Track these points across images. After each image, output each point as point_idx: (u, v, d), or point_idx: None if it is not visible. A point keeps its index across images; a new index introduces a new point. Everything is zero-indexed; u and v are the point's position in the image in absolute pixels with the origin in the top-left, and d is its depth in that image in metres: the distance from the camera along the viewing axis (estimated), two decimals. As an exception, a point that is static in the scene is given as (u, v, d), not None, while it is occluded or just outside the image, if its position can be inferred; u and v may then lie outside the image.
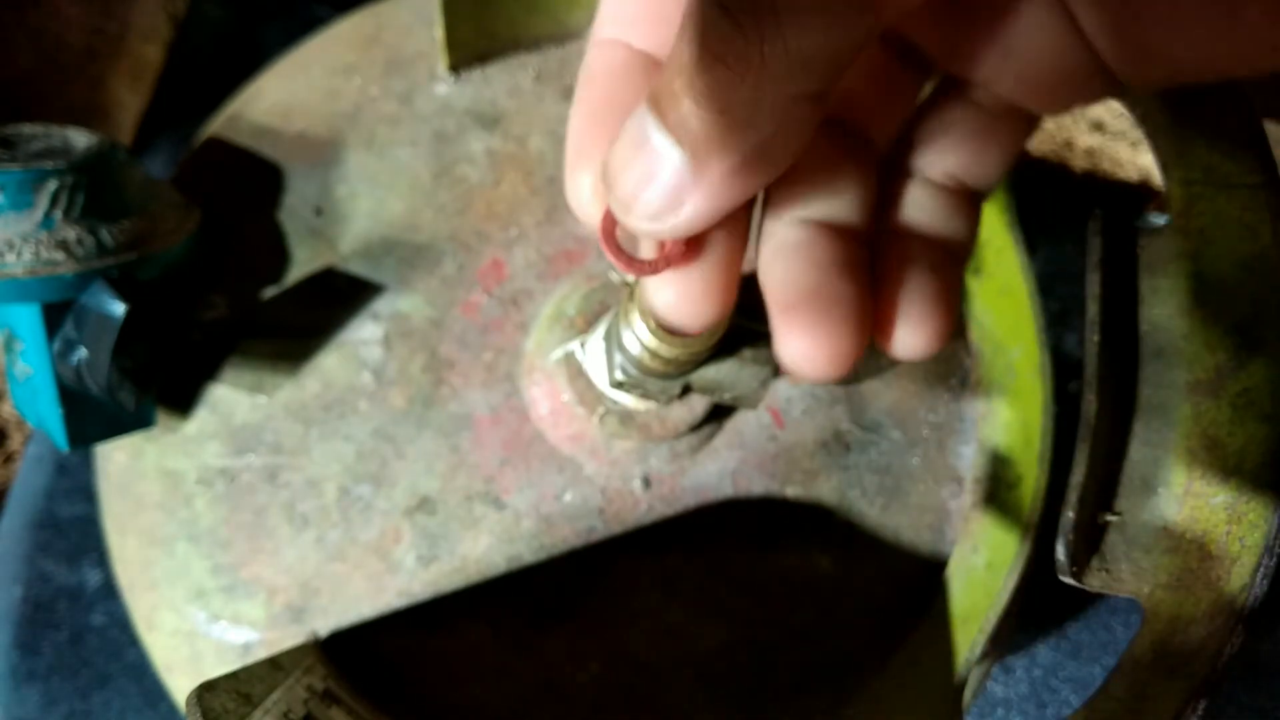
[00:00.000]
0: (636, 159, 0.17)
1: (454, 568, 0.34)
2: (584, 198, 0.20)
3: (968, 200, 0.21)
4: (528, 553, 0.34)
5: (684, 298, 0.20)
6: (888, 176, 0.21)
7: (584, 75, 0.20)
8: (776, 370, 0.31)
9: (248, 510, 0.34)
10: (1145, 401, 0.30)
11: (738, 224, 0.19)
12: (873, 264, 0.20)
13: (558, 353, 0.34)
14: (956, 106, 0.20)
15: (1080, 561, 0.28)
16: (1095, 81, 0.18)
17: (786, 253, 0.19)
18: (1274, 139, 0.30)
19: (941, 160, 0.20)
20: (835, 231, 0.19)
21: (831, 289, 0.18)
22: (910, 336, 0.19)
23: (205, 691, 0.26)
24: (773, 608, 0.35)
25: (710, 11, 0.15)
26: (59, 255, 0.30)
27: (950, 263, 0.20)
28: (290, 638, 0.33)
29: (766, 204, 0.20)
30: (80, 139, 0.32)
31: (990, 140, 0.20)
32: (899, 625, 0.36)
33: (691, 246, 0.19)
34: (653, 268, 0.19)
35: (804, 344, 0.18)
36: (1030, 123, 0.21)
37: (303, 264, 0.36)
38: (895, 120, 0.21)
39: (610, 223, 0.18)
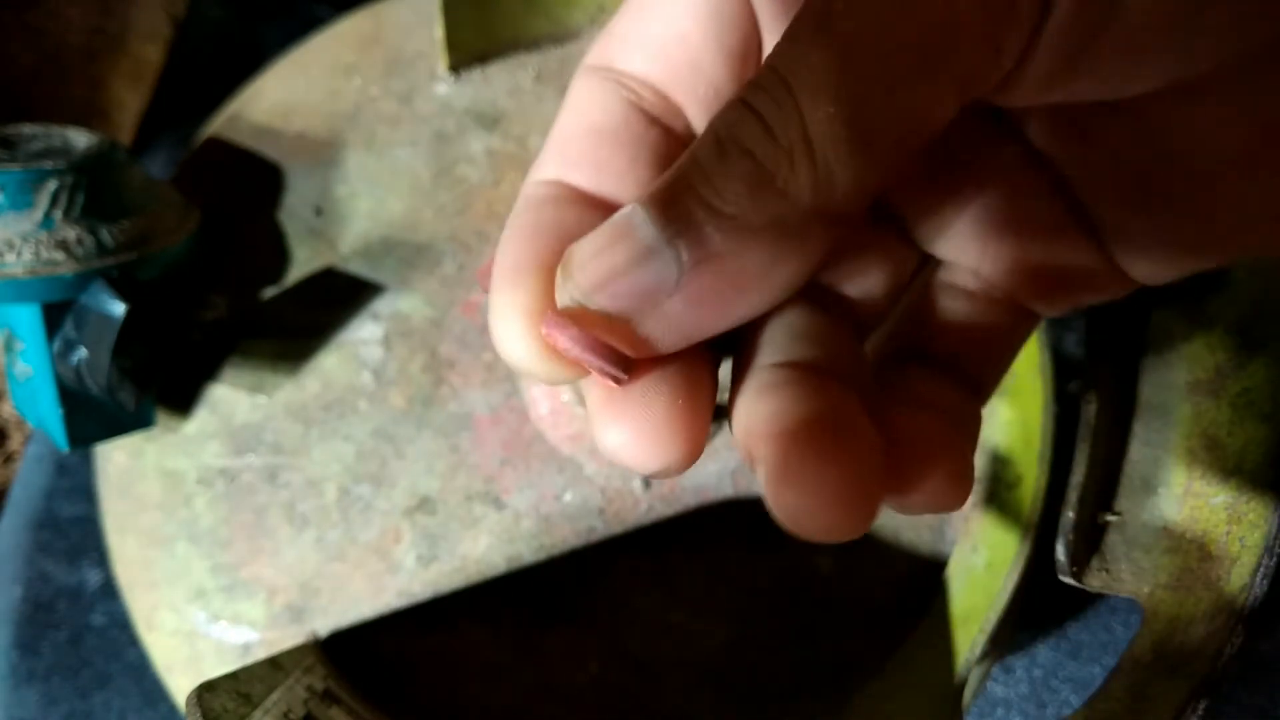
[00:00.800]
0: (616, 248, 0.14)
1: (454, 568, 0.34)
2: (516, 319, 0.16)
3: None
4: (528, 553, 0.34)
5: (643, 434, 0.15)
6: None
7: (517, 208, 0.18)
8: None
9: (248, 510, 0.34)
10: (1145, 401, 0.30)
11: (701, 363, 0.16)
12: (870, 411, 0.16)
13: (558, 353, 0.34)
14: (947, 291, 0.18)
15: (1080, 561, 0.28)
16: (1101, 281, 0.17)
17: (770, 391, 0.15)
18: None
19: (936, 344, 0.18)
20: (822, 372, 0.16)
21: (838, 418, 0.14)
22: (938, 486, 0.16)
23: (205, 691, 0.26)
24: (773, 608, 0.35)
25: (735, 115, 0.14)
26: (59, 255, 0.30)
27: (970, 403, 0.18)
28: (290, 638, 0.33)
29: (743, 349, 0.17)
30: (80, 139, 0.32)
31: (987, 332, 0.18)
32: (899, 625, 0.36)
33: (651, 363, 0.15)
34: (614, 363, 0.15)
35: (802, 493, 0.14)
36: (1031, 320, 0.18)
37: (303, 264, 0.36)
38: (879, 290, 0.18)
39: (566, 316, 0.15)
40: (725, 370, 0.18)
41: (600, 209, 0.17)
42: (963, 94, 0.14)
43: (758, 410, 0.15)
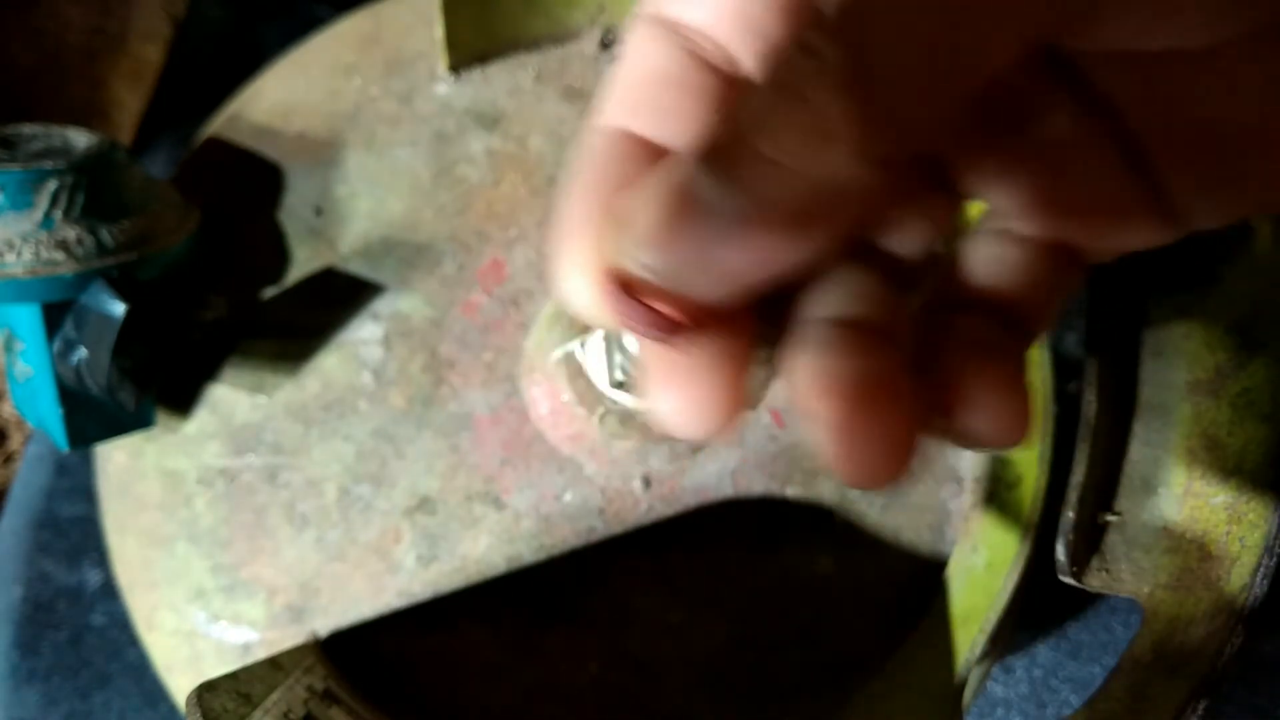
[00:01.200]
0: (668, 201, 0.14)
1: (454, 568, 0.34)
2: (582, 279, 0.16)
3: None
4: (528, 553, 0.34)
5: (691, 401, 0.16)
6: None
7: (583, 160, 0.18)
8: (776, 370, 0.31)
9: (248, 510, 0.34)
10: (1145, 401, 0.30)
11: (745, 322, 0.17)
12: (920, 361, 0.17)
13: (558, 353, 0.34)
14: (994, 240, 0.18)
15: (1080, 561, 0.28)
16: (1154, 225, 0.17)
17: (824, 349, 0.16)
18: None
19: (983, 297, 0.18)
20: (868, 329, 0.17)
21: (882, 375, 0.15)
22: (982, 419, 0.16)
23: (205, 691, 0.26)
24: (773, 608, 0.35)
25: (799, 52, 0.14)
26: (59, 255, 0.30)
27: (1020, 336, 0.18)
28: (290, 638, 0.34)
29: (790, 304, 0.17)
30: (80, 139, 0.32)
31: (1034, 278, 0.18)
32: (899, 625, 0.36)
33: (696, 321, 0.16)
34: (665, 326, 0.15)
35: (855, 445, 0.15)
36: (1076, 268, 0.18)
37: (303, 264, 0.36)
38: (922, 242, 0.18)
39: (620, 279, 0.15)
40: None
41: (654, 154, 0.17)
42: (1035, 36, 0.14)
43: (813, 368, 0.16)
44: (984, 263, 0.18)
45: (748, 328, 0.17)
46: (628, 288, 0.15)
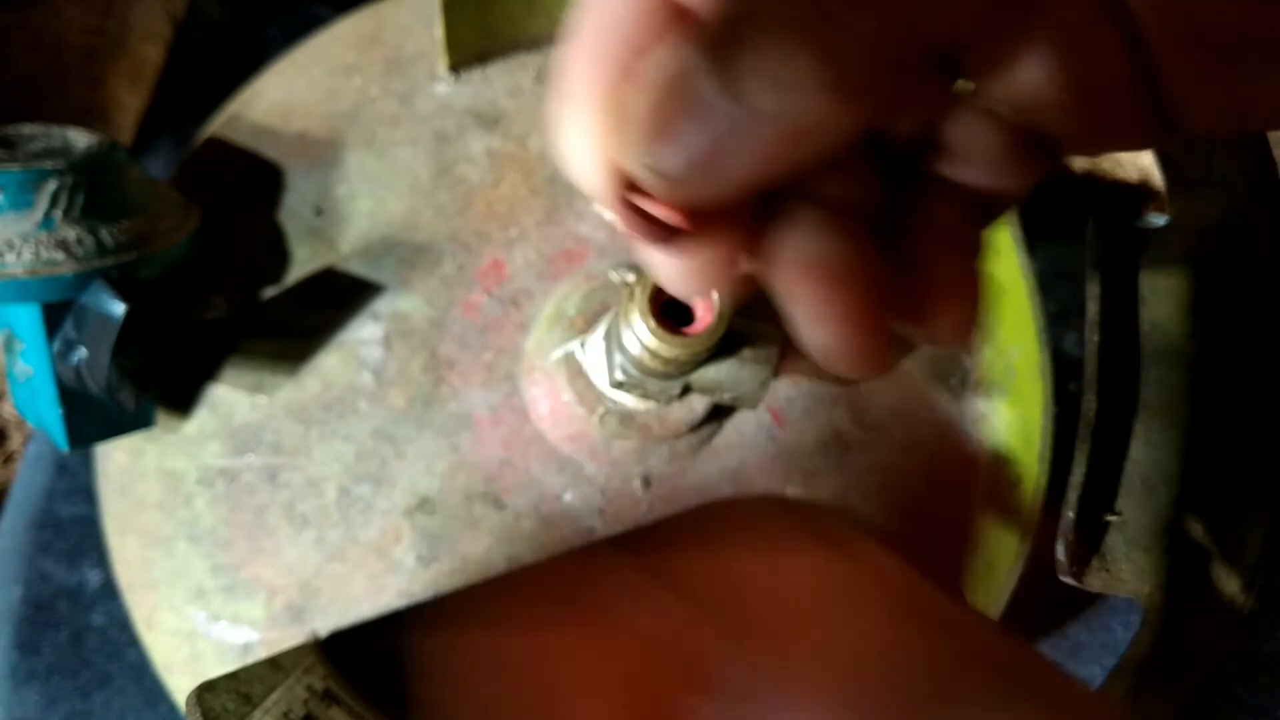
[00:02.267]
0: (672, 103, 0.14)
1: (454, 568, 0.34)
2: (580, 141, 0.16)
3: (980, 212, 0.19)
4: (528, 553, 0.34)
5: (692, 266, 0.17)
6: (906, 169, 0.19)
7: (592, 12, 0.17)
8: (776, 370, 0.31)
9: (248, 510, 0.34)
10: (1145, 401, 0.30)
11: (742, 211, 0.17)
12: (895, 234, 0.17)
13: (558, 353, 0.34)
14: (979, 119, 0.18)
15: (1080, 561, 0.28)
16: (1147, 123, 0.17)
17: (804, 231, 0.16)
18: (1274, 139, 0.30)
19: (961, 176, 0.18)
20: (847, 211, 0.17)
21: (851, 256, 0.16)
22: (944, 319, 0.17)
23: (205, 691, 0.26)
24: (773, 608, 0.35)
25: None
26: (59, 255, 0.30)
27: (980, 226, 0.18)
28: (290, 638, 0.34)
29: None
30: (80, 139, 0.32)
31: (1013, 163, 0.18)
32: (899, 625, 0.36)
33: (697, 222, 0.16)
34: (664, 233, 0.16)
35: (828, 322, 0.16)
36: (1052, 162, 0.18)
37: (303, 264, 0.36)
38: (913, 125, 0.18)
39: (621, 178, 0.16)
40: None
41: (671, 14, 0.16)
42: None
43: (797, 249, 0.16)
44: (962, 141, 0.18)
45: (745, 218, 0.17)
46: (630, 189, 0.15)
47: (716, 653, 0.17)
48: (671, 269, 0.17)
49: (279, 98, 0.38)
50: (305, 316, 0.36)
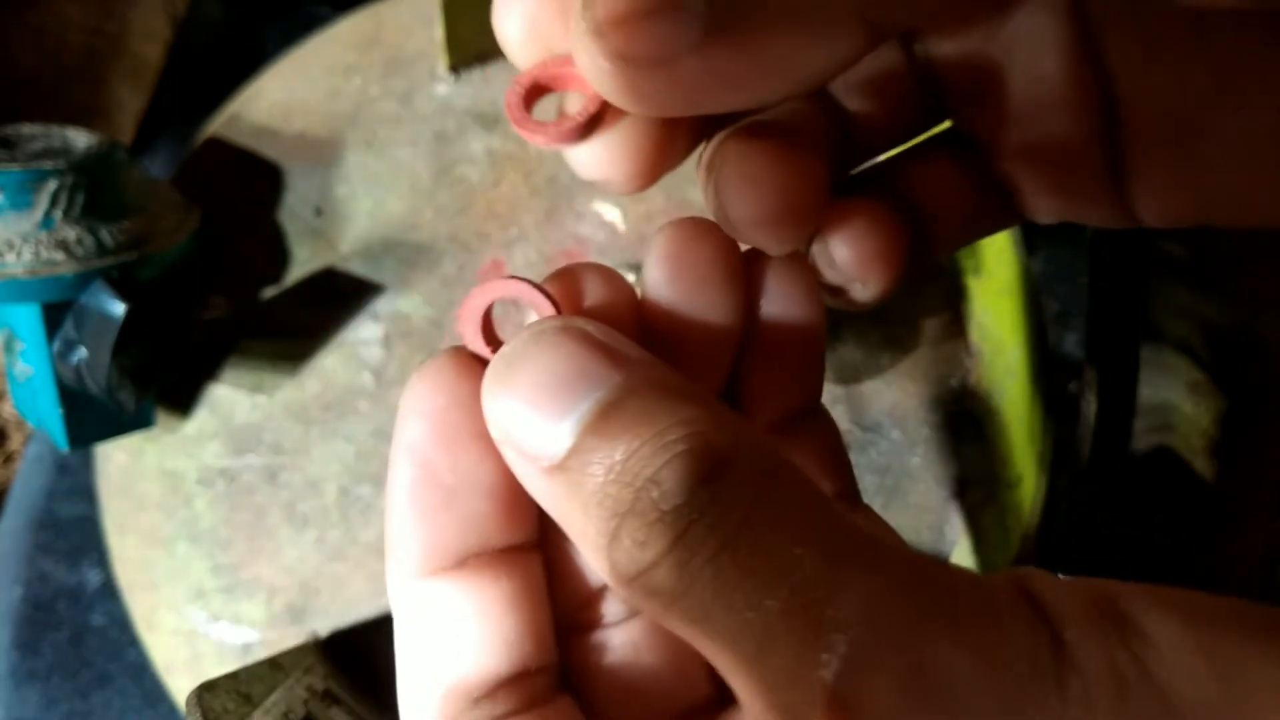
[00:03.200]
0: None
1: (454, 568, 0.34)
2: (520, 24, 0.15)
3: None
4: (528, 553, 0.34)
5: (608, 151, 0.16)
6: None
7: None
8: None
9: (248, 510, 0.34)
10: (1145, 401, 0.30)
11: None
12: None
13: (558, 353, 0.34)
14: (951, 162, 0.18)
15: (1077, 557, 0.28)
16: (1104, 205, 0.17)
17: (749, 130, 0.16)
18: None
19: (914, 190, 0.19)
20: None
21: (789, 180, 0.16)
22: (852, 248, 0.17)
23: (205, 691, 0.26)
24: (773, 608, 0.35)
25: None
26: (59, 255, 0.30)
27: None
28: (290, 638, 0.33)
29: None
30: (80, 139, 0.32)
31: (963, 206, 0.18)
32: (899, 625, 0.36)
33: (600, 120, 0.15)
34: (559, 134, 0.15)
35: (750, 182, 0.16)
36: (1005, 220, 0.19)
37: (303, 264, 0.36)
38: (880, 115, 0.19)
39: (539, 72, 0.15)
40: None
41: None
42: None
43: (732, 141, 0.16)
44: (929, 180, 0.18)
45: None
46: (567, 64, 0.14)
47: None
48: (584, 156, 0.16)
49: (279, 98, 0.38)
50: (305, 316, 0.36)
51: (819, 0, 0.13)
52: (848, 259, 0.17)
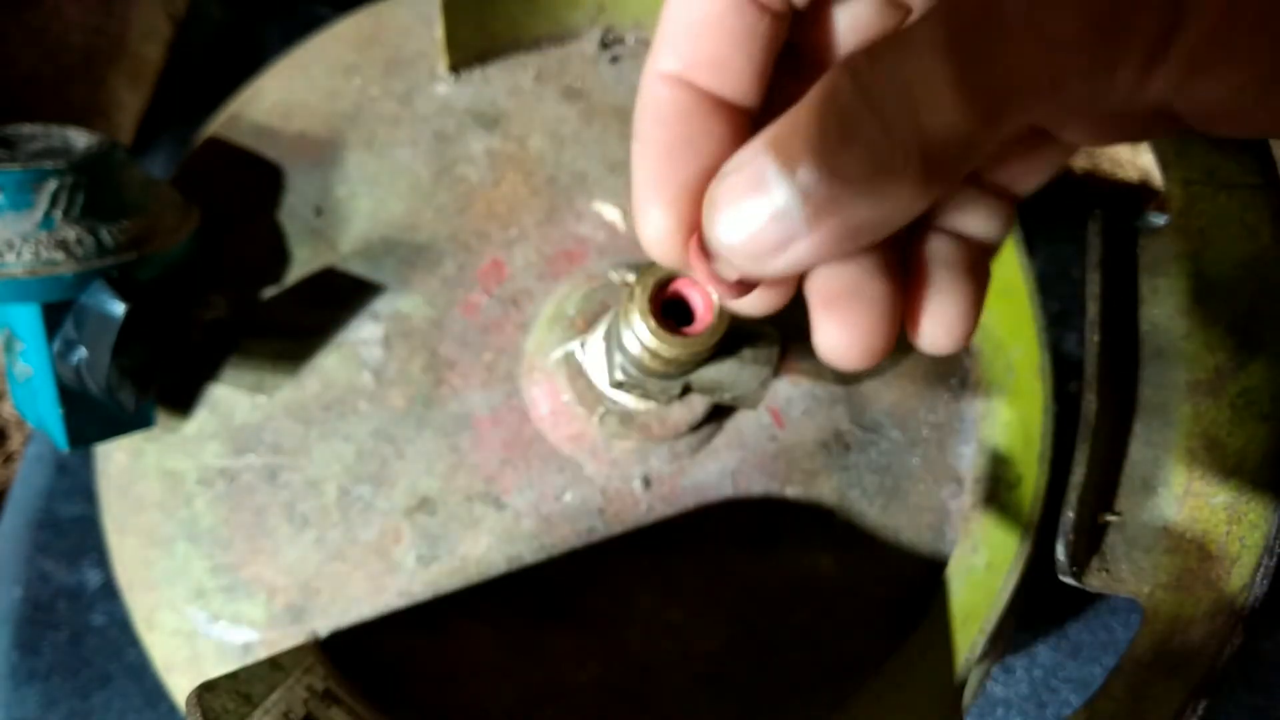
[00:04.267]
0: (751, 197, 0.17)
1: (454, 568, 0.34)
2: (660, 233, 0.20)
3: (1006, 202, 0.21)
4: (528, 553, 0.34)
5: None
6: None
7: (649, 111, 0.20)
8: (776, 370, 0.31)
9: (248, 510, 0.34)
10: (1145, 401, 0.30)
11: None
12: (907, 263, 0.20)
13: (558, 353, 0.34)
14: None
15: (1080, 561, 0.28)
16: (1155, 123, 0.18)
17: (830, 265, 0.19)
18: (1274, 140, 0.30)
19: (985, 172, 0.20)
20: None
21: (871, 287, 0.19)
22: (938, 332, 0.20)
23: (205, 691, 0.26)
24: (773, 608, 0.35)
25: (844, 85, 0.16)
26: (59, 255, 0.30)
27: (982, 262, 0.21)
28: (290, 638, 0.34)
29: None
30: (80, 139, 0.32)
31: (1034, 158, 0.20)
32: (899, 625, 0.36)
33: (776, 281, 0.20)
34: (739, 290, 0.19)
35: (842, 336, 0.19)
36: (1073, 147, 0.20)
37: (303, 264, 0.36)
38: None
39: (702, 248, 0.19)
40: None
41: (726, 117, 0.19)
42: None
43: (818, 272, 0.19)
44: (951, 208, 0.20)
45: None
46: (707, 253, 0.19)
47: None
48: (738, 307, 0.21)
49: (279, 98, 0.38)
50: (305, 316, 0.36)
51: (898, 180, 0.16)
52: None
